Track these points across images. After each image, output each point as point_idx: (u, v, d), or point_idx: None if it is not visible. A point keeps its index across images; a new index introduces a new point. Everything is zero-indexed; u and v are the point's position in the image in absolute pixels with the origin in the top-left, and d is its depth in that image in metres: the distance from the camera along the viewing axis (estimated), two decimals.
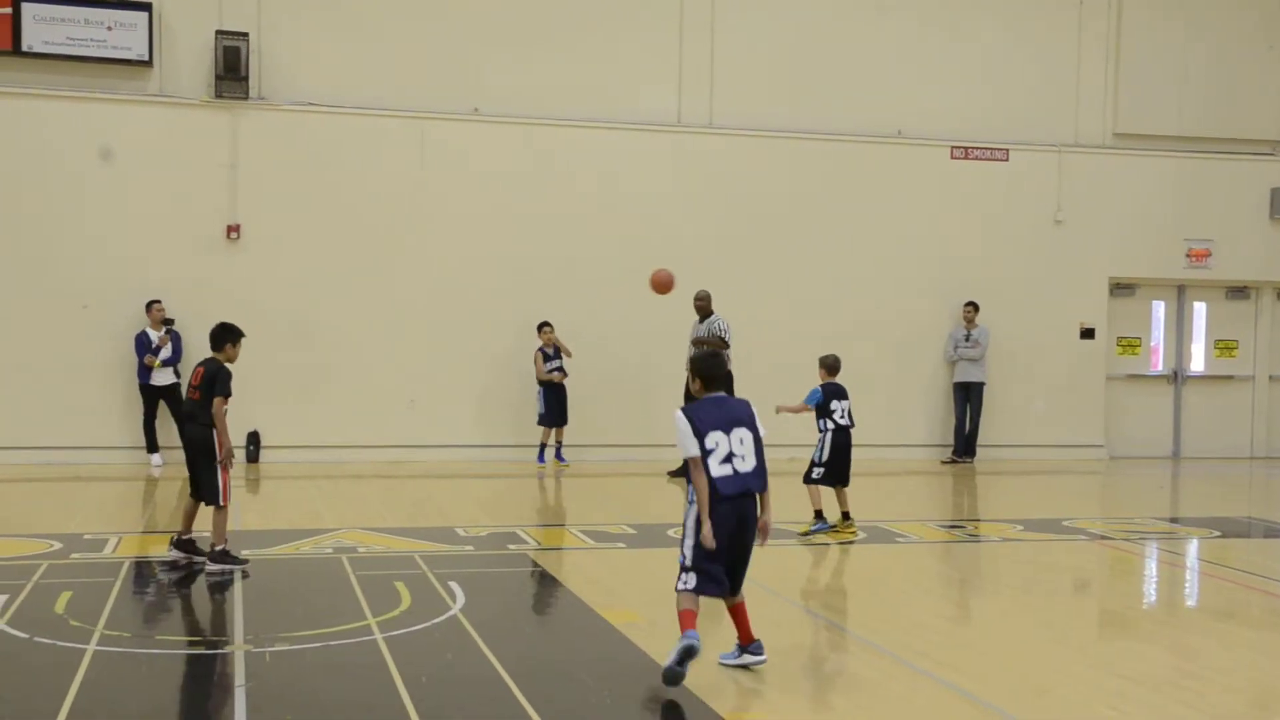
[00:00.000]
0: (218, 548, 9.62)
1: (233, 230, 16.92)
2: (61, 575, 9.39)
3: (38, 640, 7.50)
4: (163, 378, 16.16)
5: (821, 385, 11.89)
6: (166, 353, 16.14)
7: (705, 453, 6.71)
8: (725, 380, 7.21)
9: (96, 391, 16.46)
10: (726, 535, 6.72)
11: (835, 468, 11.86)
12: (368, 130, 17.32)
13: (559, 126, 17.86)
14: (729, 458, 6.74)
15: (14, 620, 7.96)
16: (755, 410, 6.99)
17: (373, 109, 17.31)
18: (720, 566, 6.78)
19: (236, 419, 10.66)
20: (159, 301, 16.31)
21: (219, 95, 16.78)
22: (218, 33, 16.71)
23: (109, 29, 16.56)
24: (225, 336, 9.75)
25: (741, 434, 6.80)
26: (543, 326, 16.81)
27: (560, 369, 16.80)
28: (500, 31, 17.72)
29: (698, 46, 18.34)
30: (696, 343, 15.34)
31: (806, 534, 11.55)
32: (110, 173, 16.50)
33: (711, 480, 6.69)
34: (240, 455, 16.39)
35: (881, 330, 18.81)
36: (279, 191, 17.04)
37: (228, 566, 9.56)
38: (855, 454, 12.16)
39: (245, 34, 16.79)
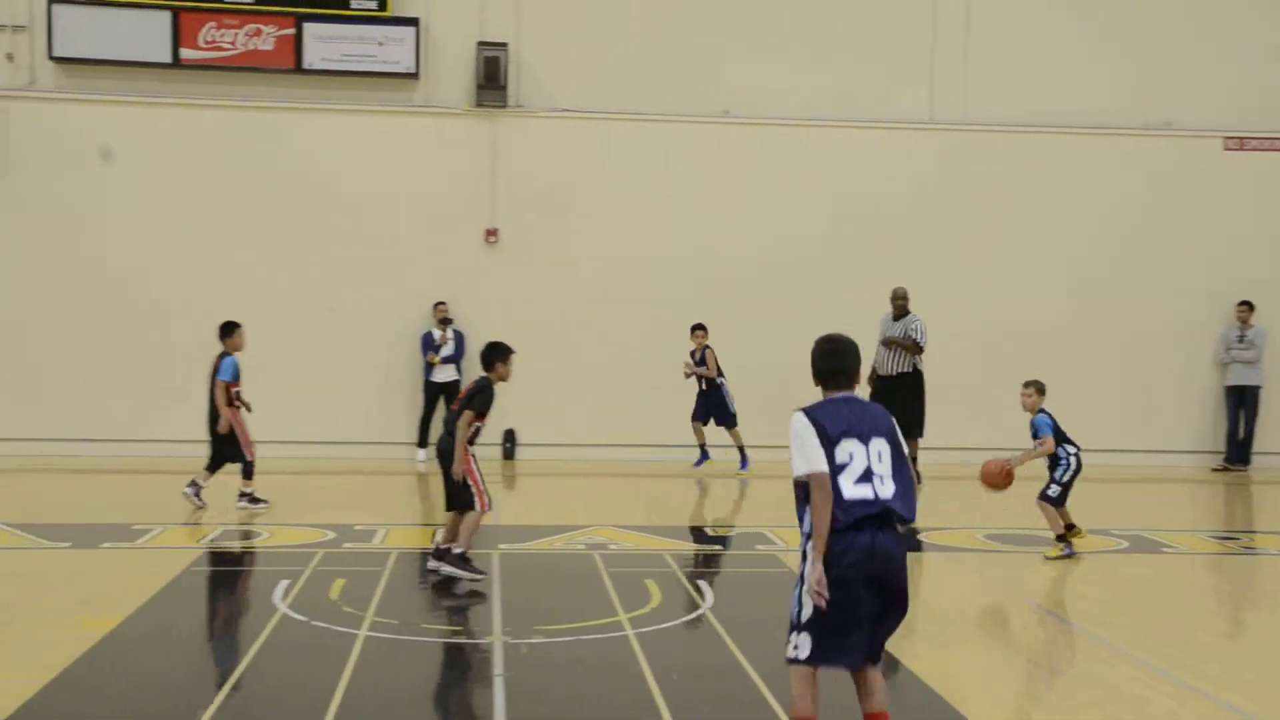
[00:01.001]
0: (456, 550, 9.38)
1: (491, 234, 17.51)
2: (335, 563, 9.92)
3: (315, 624, 7.95)
4: (444, 374, 16.88)
5: (1043, 412, 10.85)
6: (448, 350, 16.85)
7: (836, 468, 5.07)
8: (851, 374, 5.34)
9: (372, 389, 17.27)
10: (863, 580, 5.04)
11: (1070, 488, 10.93)
12: (619, 134, 17.63)
13: (808, 127, 17.77)
14: (867, 475, 5.10)
15: (295, 604, 8.48)
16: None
17: (624, 114, 17.60)
18: (852, 626, 5.07)
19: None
20: (443, 303, 17.00)
21: (479, 104, 17.40)
22: (479, 44, 17.32)
23: (380, 44, 17.37)
24: (494, 355, 9.42)
25: (880, 447, 5.17)
26: (696, 330, 16.63)
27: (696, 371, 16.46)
28: (748, 33, 17.76)
29: (950, 42, 17.94)
30: (887, 342, 14.97)
31: (1057, 558, 10.66)
32: (380, 180, 17.29)
33: (843, 503, 5.03)
34: (496, 453, 16.96)
35: (1129, 329, 18.01)
36: (535, 196, 17.53)
37: (460, 572, 9.32)
38: (1092, 458, 11.44)
39: (504, 44, 17.35)
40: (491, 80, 17.32)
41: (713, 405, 16.05)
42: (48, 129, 16.81)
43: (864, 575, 5.01)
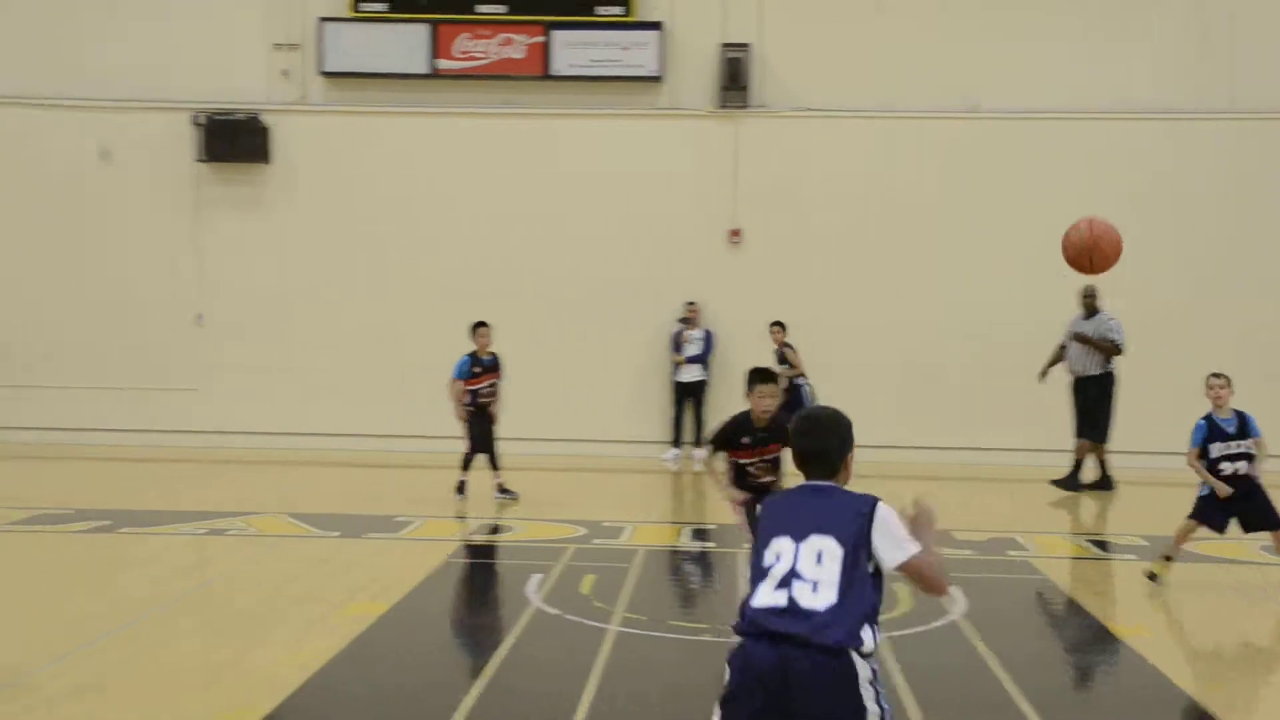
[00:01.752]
0: None
1: (735, 235, 17.62)
2: (585, 559, 10.19)
3: (568, 618, 8.20)
4: (690, 374, 17.11)
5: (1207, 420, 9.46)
6: (695, 349, 17.08)
7: (760, 570, 4.13)
8: (824, 459, 4.31)
9: (624, 388, 17.60)
10: (756, 711, 3.95)
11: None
12: (862, 132, 17.47)
13: (1059, 120, 17.22)
14: (787, 580, 4.03)
15: (549, 598, 8.76)
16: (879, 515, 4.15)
17: (867, 111, 17.43)
18: None
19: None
20: (694, 303, 17.23)
21: (722, 105, 17.53)
22: (722, 45, 17.45)
23: (624, 49, 17.71)
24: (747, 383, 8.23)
25: (825, 547, 4.07)
26: (774, 326, 16.30)
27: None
28: (996, 25, 17.33)
29: (1215, 25, 17.09)
30: (1079, 338, 14.32)
31: (1155, 576, 9.43)
32: (626, 182, 17.60)
33: (749, 611, 4.08)
34: None
35: None
36: (777, 196, 17.54)
37: None
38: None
39: (746, 45, 17.43)
40: (734, 81, 17.42)
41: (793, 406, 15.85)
42: (316, 139, 17.75)
43: (758, 704, 3.93)
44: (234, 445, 17.14)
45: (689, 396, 17.17)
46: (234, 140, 17.40)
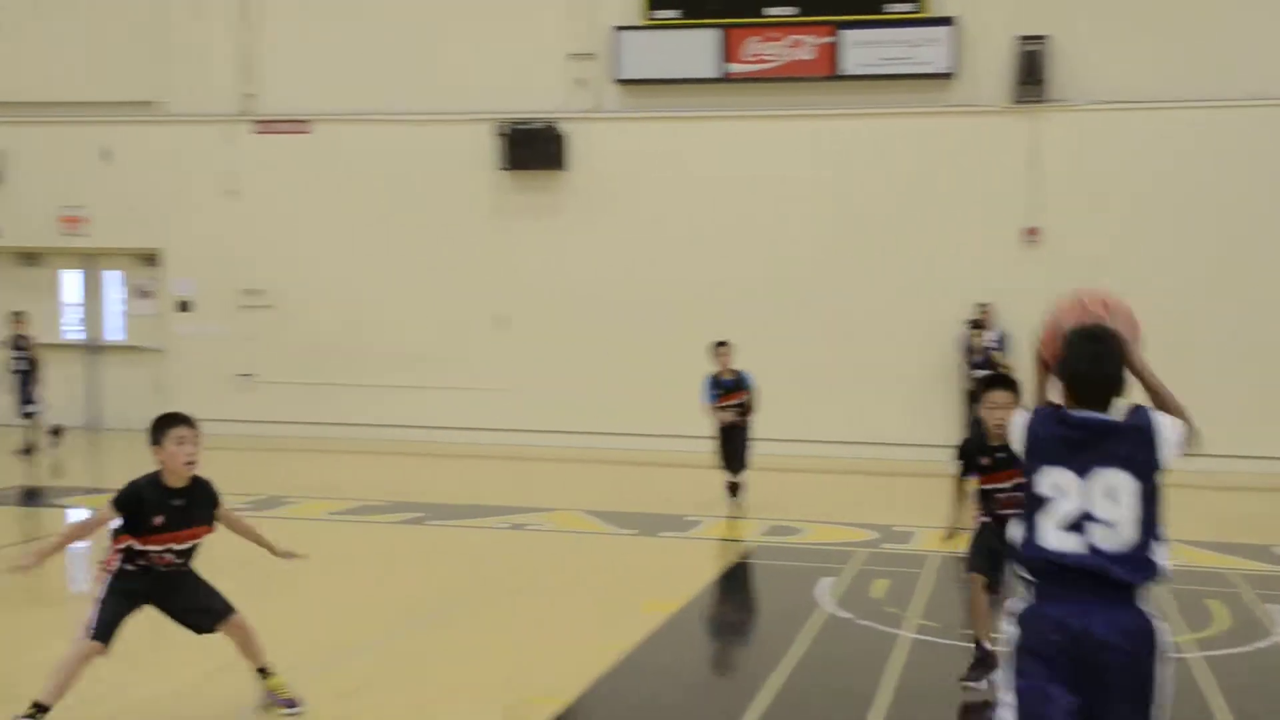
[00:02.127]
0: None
1: (1031, 233, 17.10)
2: (877, 563, 10.14)
3: (860, 622, 8.20)
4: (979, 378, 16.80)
5: None
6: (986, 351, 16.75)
7: (1034, 500, 3.87)
8: (1104, 385, 3.95)
9: (911, 391, 17.37)
10: (1055, 672, 3.72)
11: None
12: (1165, 125, 16.65)
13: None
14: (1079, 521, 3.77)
15: (841, 601, 8.77)
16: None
17: (1172, 101, 16.59)
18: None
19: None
20: (985, 303, 16.86)
21: (1018, 100, 17.04)
22: (1018, 38, 16.97)
23: (915, 46, 17.45)
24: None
25: (1115, 481, 3.79)
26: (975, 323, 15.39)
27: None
28: None
29: None
30: None
31: None
32: (916, 182, 17.34)
33: (1039, 552, 3.81)
34: None
35: None
36: (1076, 192, 16.92)
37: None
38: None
39: (1044, 37, 16.89)
40: (1030, 75, 16.89)
41: None
42: (610, 146, 18.23)
43: (1057, 664, 3.68)
44: (535, 443, 17.80)
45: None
46: (533, 148, 18.08)
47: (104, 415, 19.45)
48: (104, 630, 5.92)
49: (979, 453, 6.85)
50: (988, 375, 7.17)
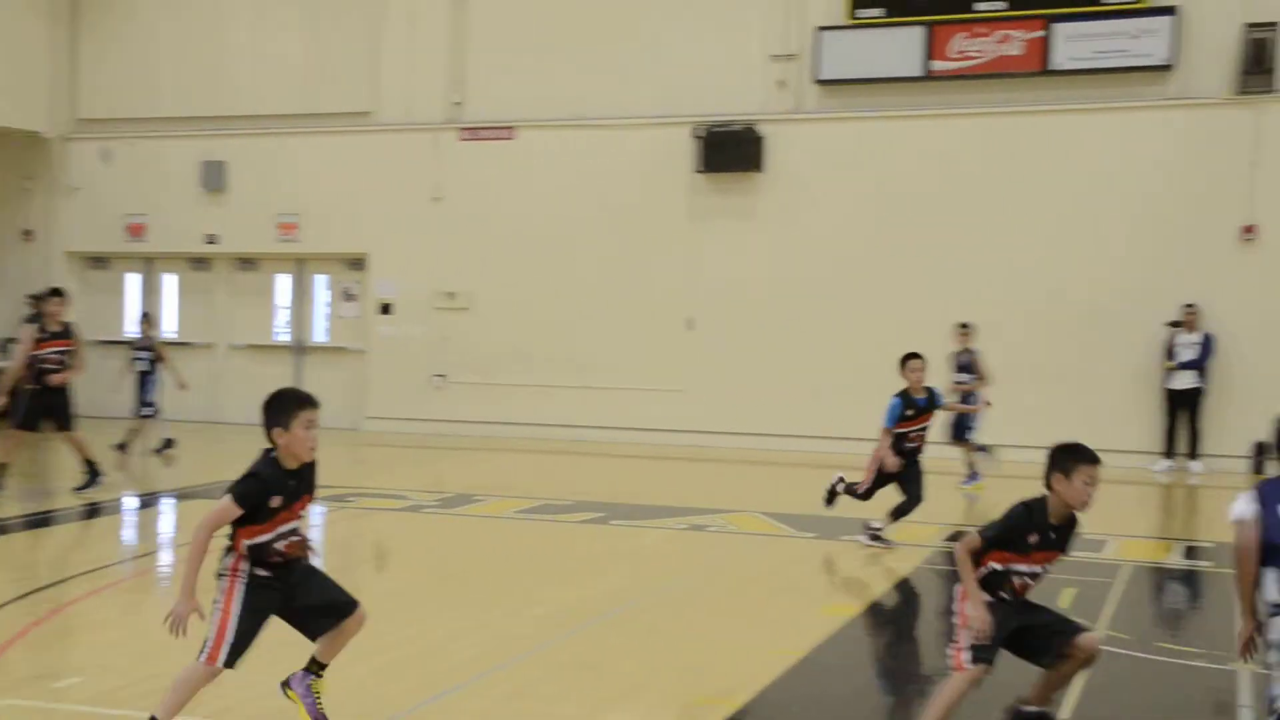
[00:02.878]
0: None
1: (1248, 231, 16.08)
2: (1065, 571, 9.49)
3: None
4: (1182, 381, 15.92)
5: None
6: (1189, 354, 15.87)
7: None
8: None
9: (1112, 394, 16.60)
10: None
11: None
12: None
13: None
14: None
15: None
16: None
17: None
18: None
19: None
20: (1191, 305, 16.01)
21: (1242, 91, 16.06)
22: (1245, 26, 16.01)
23: (1133, 38, 16.66)
24: None
25: None
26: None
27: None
28: None
29: None
30: None
31: None
32: (1126, 178, 16.55)
33: None
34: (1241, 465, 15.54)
35: None
36: None
37: None
38: None
39: (1274, 24, 15.88)
40: (1257, 64, 15.93)
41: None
42: (808, 147, 17.98)
43: None
44: (716, 445, 17.65)
45: (1183, 405, 15.88)
46: (730, 151, 17.96)
47: None
48: (233, 656, 5.38)
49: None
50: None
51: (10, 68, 20.07)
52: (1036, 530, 5.68)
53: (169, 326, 21.17)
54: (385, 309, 19.78)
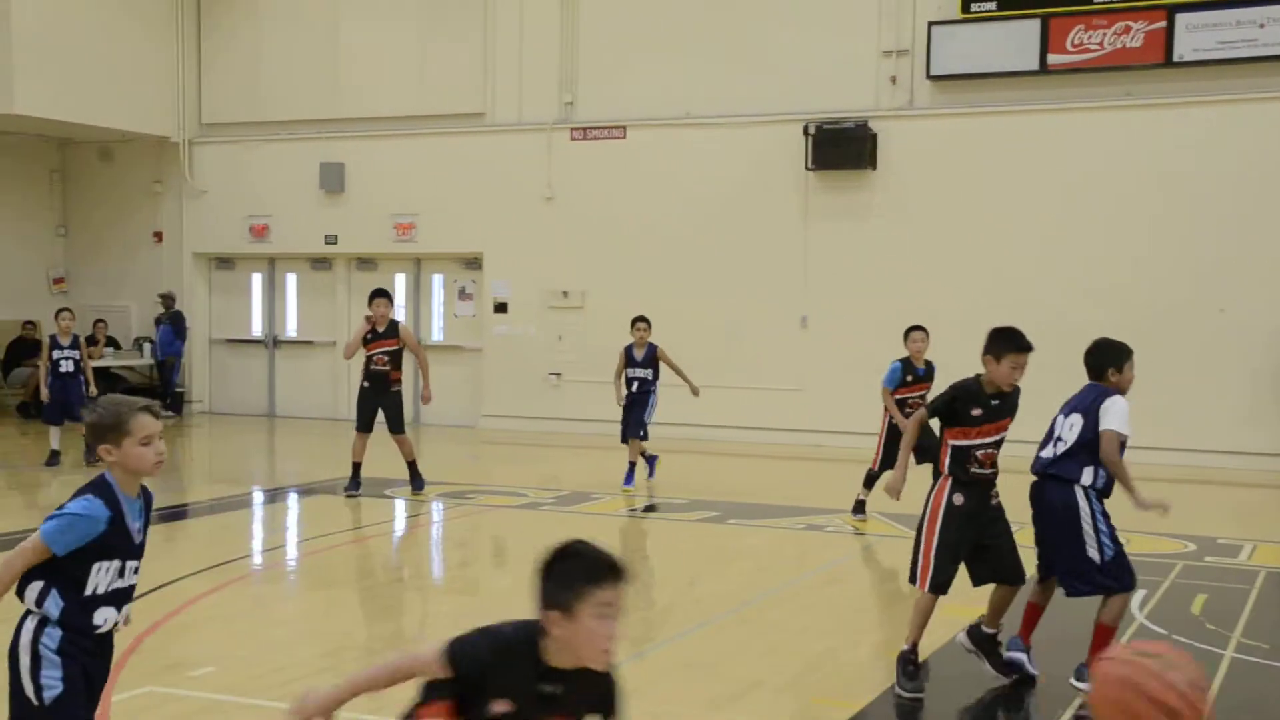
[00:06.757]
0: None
1: None
2: (1197, 576, 9.40)
3: (1175, 638, 7.58)
4: None
5: None
6: None
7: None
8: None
9: (1242, 394, 16.16)
10: None
11: None
12: None
13: None
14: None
15: (1152, 616, 8.16)
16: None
17: None
18: None
19: None
20: None
21: None
22: None
23: (1261, 27, 16.18)
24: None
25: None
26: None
27: None
28: None
29: None
30: None
31: None
32: (1256, 171, 16.07)
33: None
34: None
35: None
36: None
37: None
38: None
39: None
40: None
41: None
42: (920, 144, 17.75)
43: None
44: (832, 444, 17.52)
45: None
46: (841, 148, 17.81)
47: (421, 412, 20.46)
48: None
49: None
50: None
51: (138, 75, 20.62)
52: (976, 404, 6.50)
53: (289, 325, 21.68)
54: (500, 308, 19.99)
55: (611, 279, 19.11)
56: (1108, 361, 6.78)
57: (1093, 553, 6.45)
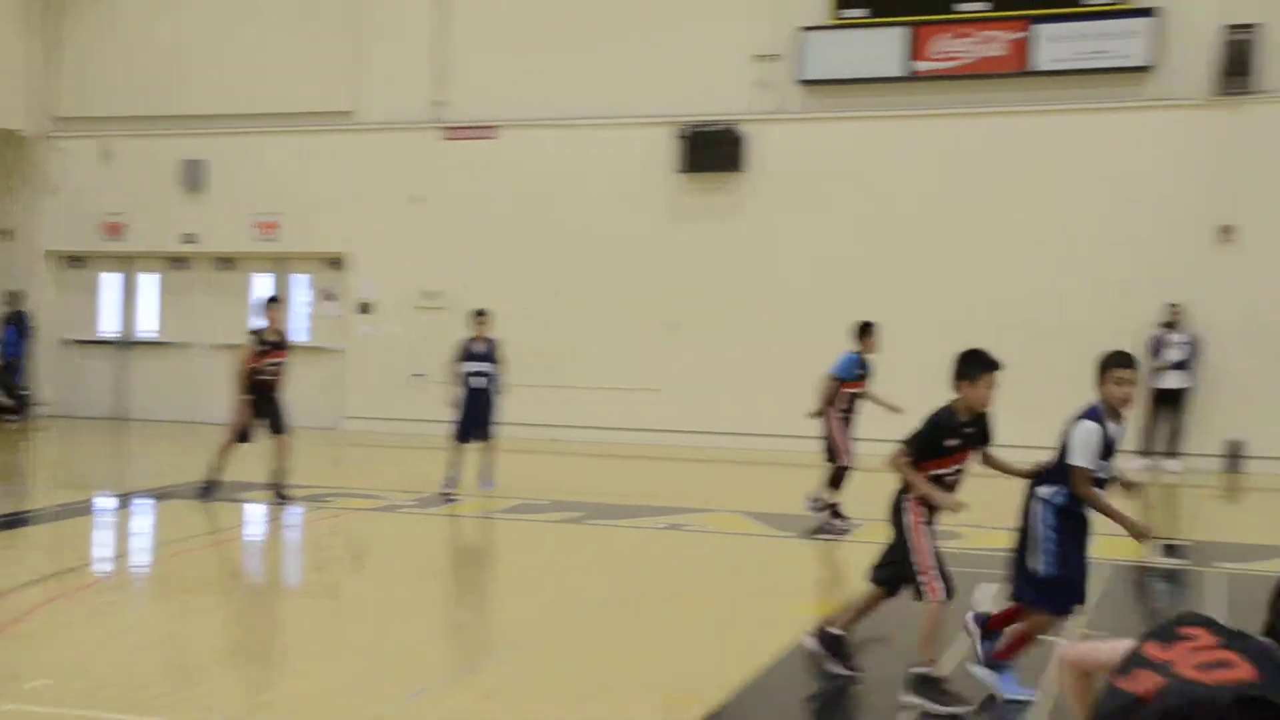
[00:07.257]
0: (917, 669, 6.57)
1: (1226, 231, 16.09)
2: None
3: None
4: (1170, 381, 15.87)
5: None
6: (1177, 354, 15.83)
7: None
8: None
9: (1088, 394, 16.57)
10: None
11: None
12: None
13: None
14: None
15: (998, 608, 8.26)
16: None
17: None
18: None
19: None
20: (1176, 304, 15.92)
21: (1222, 93, 16.08)
22: (1225, 28, 16.02)
23: (1113, 39, 16.66)
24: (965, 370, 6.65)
25: None
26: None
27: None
28: None
29: None
30: None
31: None
32: (1106, 179, 16.54)
33: None
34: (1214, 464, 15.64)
35: None
36: (1277, 190, 15.87)
37: (930, 704, 6.43)
38: None
39: (1253, 26, 15.90)
40: (1237, 66, 15.94)
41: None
42: (789, 147, 17.91)
43: None
44: (695, 444, 17.57)
45: (1168, 405, 15.88)
46: (711, 151, 17.91)
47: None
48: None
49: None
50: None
51: None
52: (953, 434, 6.55)
53: (148, 326, 21.07)
54: (364, 308, 19.68)
55: (480, 280, 18.90)
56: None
57: (1032, 562, 6.41)
